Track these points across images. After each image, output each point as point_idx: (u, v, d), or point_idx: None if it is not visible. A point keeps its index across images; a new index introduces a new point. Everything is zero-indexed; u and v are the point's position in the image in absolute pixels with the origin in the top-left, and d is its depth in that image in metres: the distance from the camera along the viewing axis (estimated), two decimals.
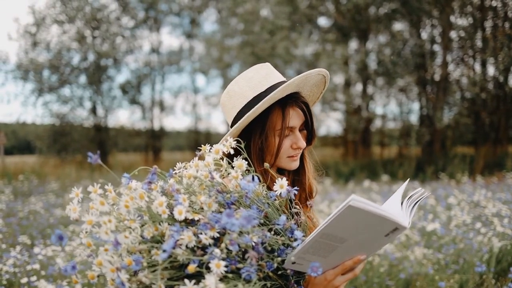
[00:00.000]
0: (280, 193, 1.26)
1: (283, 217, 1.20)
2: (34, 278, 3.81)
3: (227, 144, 1.36)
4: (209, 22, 39.62)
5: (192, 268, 1.06)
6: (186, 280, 1.05)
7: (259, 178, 1.27)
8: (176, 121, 55.37)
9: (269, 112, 1.60)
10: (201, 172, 1.26)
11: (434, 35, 20.34)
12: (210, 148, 1.36)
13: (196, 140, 25.90)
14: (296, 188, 1.31)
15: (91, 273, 1.20)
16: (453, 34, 18.99)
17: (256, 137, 1.61)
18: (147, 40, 25.83)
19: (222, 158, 1.36)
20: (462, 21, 19.26)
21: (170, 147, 27.84)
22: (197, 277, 1.11)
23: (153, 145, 23.98)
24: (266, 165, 1.44)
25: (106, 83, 22.40)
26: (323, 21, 21.10)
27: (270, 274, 1.17)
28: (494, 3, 18.38)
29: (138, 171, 1.34)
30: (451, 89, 18.88)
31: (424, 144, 18.77)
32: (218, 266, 1.04)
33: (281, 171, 1.76)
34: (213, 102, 25.85)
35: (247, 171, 1.34)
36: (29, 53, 20.73)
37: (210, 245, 1.11)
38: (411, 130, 19.50)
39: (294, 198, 1.32)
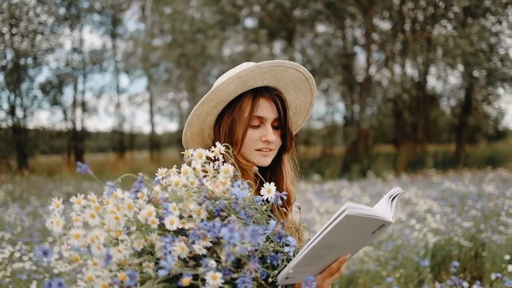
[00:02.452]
0: (267, 198, 1.24)
1: (273, 222, 1.18)
2: None
3: (216, 150, 1.32)
4: (133, 21, 38.96)
5: (187, 281, 1.02)
6: None
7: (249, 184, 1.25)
8: (99, 122, 54.05)
9: (241, 98, 1.61)
10: (189, 178, 1.21)
11: (357, 37, 20.97)
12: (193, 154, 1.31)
13: (120, 141, 25.35)
14: (284, 193, 1.28)
15: None
16: (375, 37, 19.63)
17: (225, 120, 1.62)
18: (68, 39, 25.00)
19: (207, 162, 1.33)
20: (384, 25, 19.96)
21: (93, 148, 27.05)
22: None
23: (76, 146, 23.22)
24: (255, 169, 1.39)
25: (26, 83, 21.45)
26: (249, 22, 21.23)
27: (262, 282, 1.14)
28: (411, 6, 19.17)
29: (121, 179, 1.27)
30: (374, 90, 19.50)
31: (348, 144, 19.27)
32: (214, 278, 1.01)
33: (263, 174, 1.73)
34: (137, 102, 25.38)
35: (235, 177, 1.30)
36: None
37: (203, 255, 1.08)
38: (336, 130, 19.98)
39: (281, 203, 1.30)
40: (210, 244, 1.07)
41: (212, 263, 1.03)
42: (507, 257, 4.29)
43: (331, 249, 1.15)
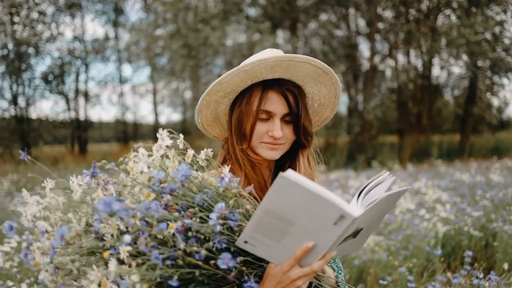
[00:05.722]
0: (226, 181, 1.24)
1: (219, 205, 1.14)
2: None
3: (159, 142, 1.30)
4: (135, 10, 38.81)
5: (106, 254, 1.10)
6: (93, 266, 1.10)
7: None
8: (103, 112, 53.96)
9: (251, 89, 1.57)
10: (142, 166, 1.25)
11: (360, 27, 20.89)
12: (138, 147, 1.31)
13: (124, 132, 25.32)
14: (231, 175, 1.25)
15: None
16: (380, 26, 19.54)
17: (235, 111, 1.60)
18: (69, 27, 24.84)
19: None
20: (388, 14, 19.87)
21: (96, 138, 27.04)
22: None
23: (79, 136, 23.18)
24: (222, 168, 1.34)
25: (28, 72, 21.39)
26: (252, 11, 21.13)
27: (199, 263, 1.12)
28: None
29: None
30: (378, 79, 19.45)
31: (353, 134, 19.25)
32: (123, 251, 1.07)
33: (281, 166, 1.69)
34: (141, 92, 25.32)
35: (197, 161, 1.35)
36: None
37: (127, 231, 1.14)
38: (341, 120, 19.94)
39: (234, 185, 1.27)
40: (138, 223, 1.12)
41: (127, 238, 1.08)
42: None
43: (290, 226, 1.12)
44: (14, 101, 21.03)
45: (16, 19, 20.60)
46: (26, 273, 3.76)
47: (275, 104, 1.54)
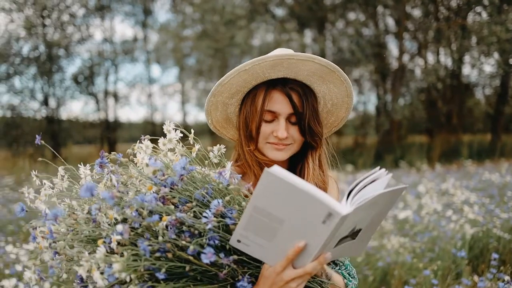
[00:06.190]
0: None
1: (215, 202, 1.13)
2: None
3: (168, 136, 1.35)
4: (163, 11, 39.13)
5: (100, 242, 1.11)
6: (86, 253, 1.13)
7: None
8: (132, 112, 54.53)
9: (256, 90, 1.55)
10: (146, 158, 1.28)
11: (389, 25, 20.68)
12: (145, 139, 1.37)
13: (152, 132, 25.48)
14: (232, 171, 1.22)
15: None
16: (408, 25, 19.32)
17: (242, 112, 1.58)
18: (99, 29, 25.17)
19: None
20: (417, 12, 19.64)
21: (125, 138, 27.36)
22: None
23: (108, 136, 23.45)
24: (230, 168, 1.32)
25: (58, 73, 21.72)
26: (279, 11, 21.09)
27: (190, 258, 1.10)
28: None
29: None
30: (407, 78, 19.22)
31: (381, 133, 19.07)
32: (114, 240, 1.09)
33: (292, 169, 1.66)
34: (169, 92, 25.47)
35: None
36: None
37: (123, 220, 1.16)
38: (369, 120, 19.77)
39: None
40: (131, 213, 1.13)
41: (119, 227, 1.08)
42: None
43: (280, 224, 1.09)
44: (45, 102, 21.39)
45: (47, 21, 20.95)
46: (48, 272, 3.78)
47: (279, 104, 1.51)
